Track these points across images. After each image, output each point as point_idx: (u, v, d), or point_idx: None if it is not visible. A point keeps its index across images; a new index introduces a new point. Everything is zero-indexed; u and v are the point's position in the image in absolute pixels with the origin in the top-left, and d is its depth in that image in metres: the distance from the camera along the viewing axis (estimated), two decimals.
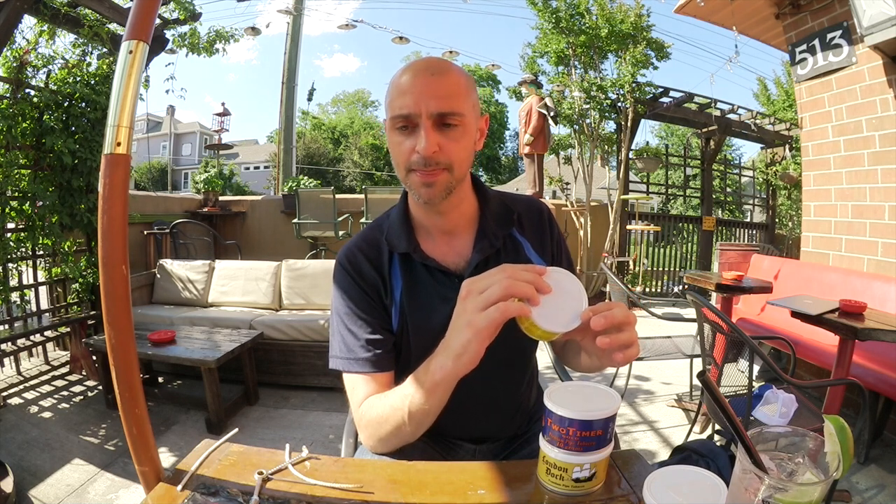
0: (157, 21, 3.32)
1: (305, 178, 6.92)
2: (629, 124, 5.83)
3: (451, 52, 11.44)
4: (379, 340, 0.81)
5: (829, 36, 2.89)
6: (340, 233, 5.20)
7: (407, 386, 0.71)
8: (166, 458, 2.12)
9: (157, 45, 3.68)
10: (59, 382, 2.98)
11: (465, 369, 0.63)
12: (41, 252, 3.27)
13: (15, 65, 3.03)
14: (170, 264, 3.66)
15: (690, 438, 2.29)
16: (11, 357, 3.02)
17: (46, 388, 2.87)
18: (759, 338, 2.47)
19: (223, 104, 12.00)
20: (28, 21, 3.09)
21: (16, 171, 2.98)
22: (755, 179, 7.56)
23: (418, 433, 0.73)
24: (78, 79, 3.24)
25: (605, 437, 0.59)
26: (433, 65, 0.76)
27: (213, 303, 3.51)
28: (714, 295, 3.44)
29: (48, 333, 3.23)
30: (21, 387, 2.85)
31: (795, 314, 1.91)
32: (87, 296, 3.38)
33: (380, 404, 0.75)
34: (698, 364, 2.54)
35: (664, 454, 2.25)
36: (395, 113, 0.74)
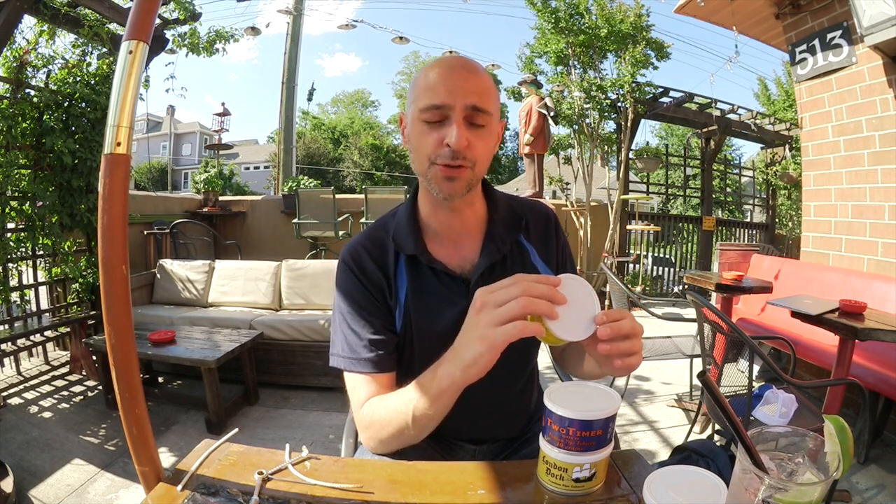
0: (157, 21, 3.32)
1: (305, 178, 6.92)
2: (629, 124, 5.83)
3: (451, 52, 11.44)
4: (382, 341, 0.81)
5: (829, 36, 2.89)
6: (340, 233, 5.20)
7: (412, 390, 0.70)
8: (166, 458, 2.12)
9: (157, 45, 3.68)
10: (59, 382, 2.98)
11: (473, 379, 0.63)
12: (41, 252, 3.27)
13: (15, 65, 3.03)
14: (170, 264, 3.66)
15: (690, 438, 2.29)
16: (11, 357, 3.01)
17: (46, 388, 2.87)
18: (759, 338, 2.47)
19: (223, 104, 12.00)
20: (28, 21, 3.09)
21: (16, 171, 2.97)
22: (755, 179, 7.56)
23: (421, 437, 0.73)
24: (78, 79, 3.24)
25: (605, 437, 0.60)
26: (466, 63, 0.76)
27: (213, 303, 3.51)
28: (714, 295, 3.44)
29: (48, 333, 3.22)
30: (21, 387, 2.85)
31: (795, 314, 1.91)
32: (87, 296, 3.37)
33: (382, 406, 0.75)
34: (698, 364, 2.54)
35: (664, 454, 2.25)
36: (426, 103, 0.73)
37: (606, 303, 4.54)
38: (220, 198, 6.41)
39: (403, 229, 0.84)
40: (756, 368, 2.39)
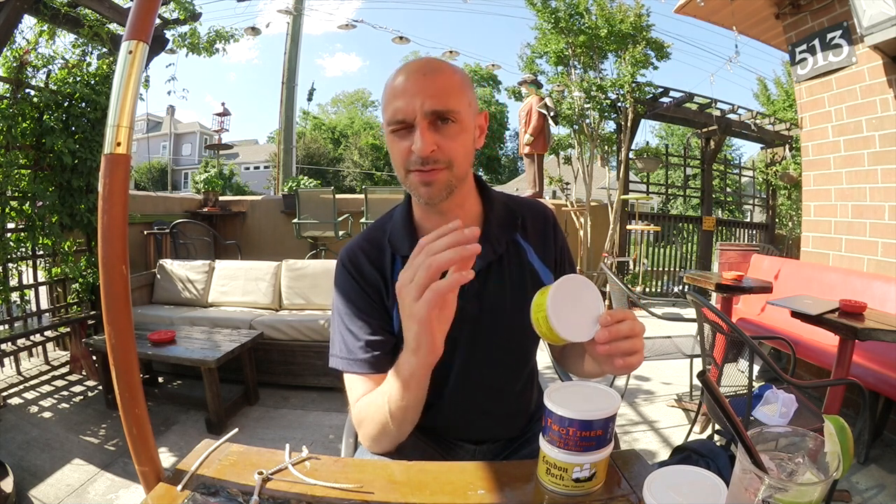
0: (157, 21, 3.32)
1: (305, 178, 6.92)
2: (629, 124, 5.83)
3: (451, 52, 11.43)
4: (379, 342, 0.81)
5: (829, 36, 2.89)
6: (340, 233, 5.20)
7: (385, 384, 0.72)
8: (166, 458, 2.12)
9: (157, 45, 3.68)
10: (59, 382, 2.98)
11: (427, 360, 0.64)
12: (41, 252, 3.27)
13: (15, 65, 3.03)
14: (170, 264, 3.66)
15: (690, 438, 2.29)
16: (11, 357, 3.01)
17: (46, 388, 2.87)
18: (759, 338, 2.47)
19: (223, 104, 12.00)
20: (28, 21, 3.09)
21: (16, 171, 2.97)
22: (755, 179, 7.56)
23: (403, 429, 0.74)
24: (78, 79, 3.24)
25: (605, 437, 0.60)
26: (425, 65, 0.76)
27: (213, 303, 3.51)
28: (714, 295, 3.44)
29: (48, 333, 3.22)
30: (21, 387, 2.85)
31: (795, 314, 1.91)
32: (87, 296, 3.37)
33: (367, 403, 0.76)
34: (698, 364, 2.54)
35: (664, 454, 2.25)
36: (389, 117, 0.74)
37: (606, 303, 4.54)
38: (220, 198, 6.41)
39: (399, 231, 0.84)
40: (756, 368, 2.39)
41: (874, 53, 2.62)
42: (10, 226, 3.04)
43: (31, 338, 3.12)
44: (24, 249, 3.12)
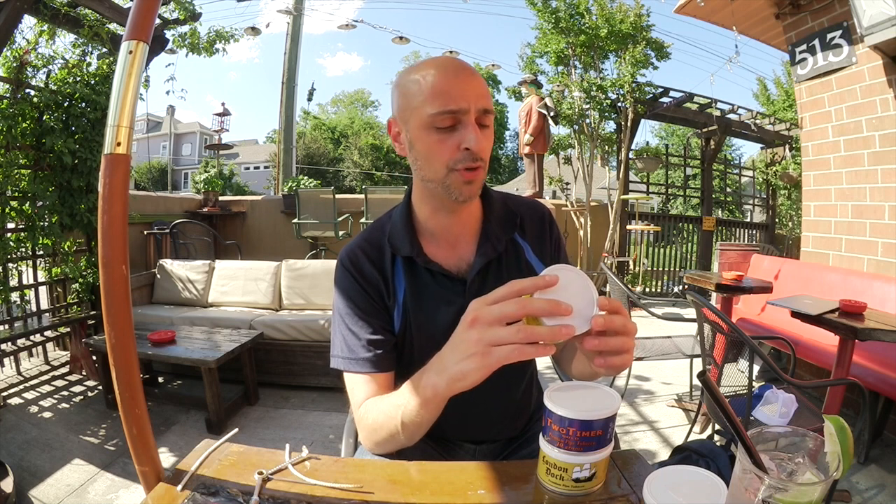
0: (157, 21, 3.32)
1: (305, 178, 6.92)
2: (629, 124, 5.84)
3: (451, 52, 11.44)
4: (380, 341, 0.81)
5: (829, 36, 2.89)
6: (340, 233, 5.20)
7: (400, 395, 0.70)
8: (166, 458, 2.12)
9: (157, 45, 3.68)
10: (59, 382, 2.98)
11: (457, 392, 0.62)
12: (41, 252, 3.27)
13: (15, 65, 3.03)
14: (170, 264, 3.66)
15: (690, 438, 2.29)
16: (11, 357, 3.01)
17: (46, 388, 2.87)
18: (759, 338, 2.47)
19: (223, 104, 12.03)
20: (28, 21, 3.09)
21: (16, 171, 2.97)
22: (755, 179, 7.56)
23: (413, 439, 0.73)
24: (78, 79, 3.24)
25: (605, 437, 0.59)
26: (466, 65, 0.77)
27: (213, 303, 3.51)
28: (714, 295, 3.44)
29: (48, 333, 3.22)
30: (21, 387, 2.85)
31: (795, 314, 1.91)
32: (87, 296, 3.37)
33: (376, 409, 0.75)
34: (698, 364, 2.54)
35: (664, 454, 2.25)
36: (440, 108, 0.71)
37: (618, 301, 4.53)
38: (220, 198, 6.41)
39: (399, 231, 0.84)
40: (756, 368, 2.39)
41: (874, 53, 2.62)
42: (11, 226, 3.04)
43: (31, 338, 3.11)
44: (24, 249, 3.12)
